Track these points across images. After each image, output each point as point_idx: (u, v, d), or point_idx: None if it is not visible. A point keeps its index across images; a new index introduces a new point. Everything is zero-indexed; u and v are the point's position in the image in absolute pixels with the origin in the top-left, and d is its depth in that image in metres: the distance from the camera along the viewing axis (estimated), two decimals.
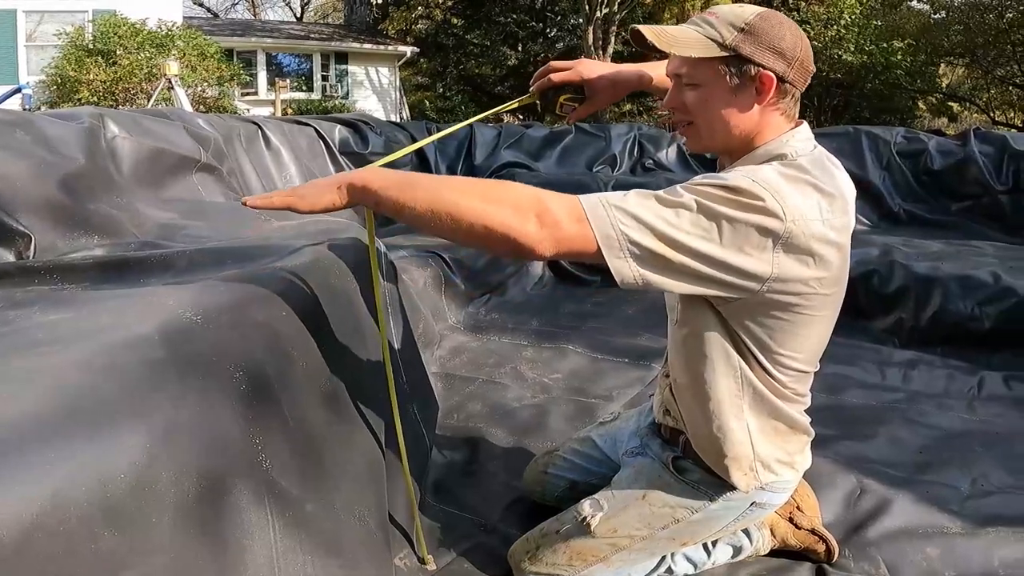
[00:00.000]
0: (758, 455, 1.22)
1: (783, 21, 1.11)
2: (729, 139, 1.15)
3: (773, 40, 1.08)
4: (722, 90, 1.11)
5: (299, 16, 28.17)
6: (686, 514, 1.26)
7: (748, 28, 1.08)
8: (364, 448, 1.30)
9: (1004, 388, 2.34)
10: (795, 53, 1.09)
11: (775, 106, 1.12)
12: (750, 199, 0.99)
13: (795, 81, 1.11)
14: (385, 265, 1.77)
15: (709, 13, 1.12)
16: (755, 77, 1.09)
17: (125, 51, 10.15)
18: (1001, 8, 11.83)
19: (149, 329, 0.87)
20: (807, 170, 1.07)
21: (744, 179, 1.01)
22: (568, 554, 1.29)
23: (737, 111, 1.12)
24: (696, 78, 1.12)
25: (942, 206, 4.10)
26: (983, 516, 1.61)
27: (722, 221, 0.99)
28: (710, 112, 1.13)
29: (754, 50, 1.08)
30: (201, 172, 2.26)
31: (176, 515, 0.77)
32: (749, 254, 1.01)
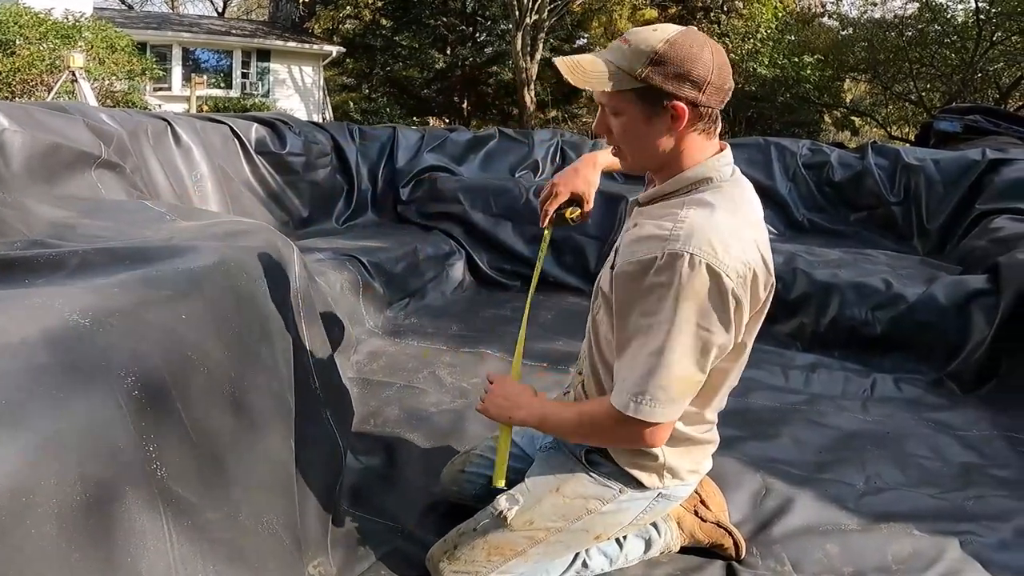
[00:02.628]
0: (668, 465, 1.30)
1: (694, 42, 1.11)
2: (653, 162, 1.21)
3: (683, 67, 1.10)
4: (639, 119, 1.15)
5: (221, 11, 27.22)
6: (597, 505, 1.30)
7: (658, 57, 1.10)
8: (272, 455, 1.27)
9: (895, 390, 2.49)
10: (707, 77, 1.11)
11: (692, 129, 1.16)
12: (714, 294, 1.07)
13: (709, 104, 1.14)
14: (298, 266, 1.72)
15: (623, 40, 1.15)
16: (668, 107, 1.12)
17: (26, 41, 9.56)
18: (902, 27, 12.60)
19: (31, 332, 0.83)
20: (738, 219, 1.14)
21: (696, 265, 1.06)
22: (486, 550, 1.30)
23: (655, 139, 1.16)
24: (615, 108, 1.17)
25: (842, 216, 4.33)
26: (877, 513, 1.71)
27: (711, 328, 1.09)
28: (632, 139, 1.18)
29: (664, 80, 1.10)
30: (101, 169, 2.15)
31: (59, 525, 0.73)
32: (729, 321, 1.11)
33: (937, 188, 4.06)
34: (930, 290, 2.78)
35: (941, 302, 2.71)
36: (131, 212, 1.77)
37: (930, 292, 2.77)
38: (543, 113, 17.46)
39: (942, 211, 3.98)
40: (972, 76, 11.65)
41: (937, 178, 4.09)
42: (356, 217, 4.29)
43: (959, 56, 11.92)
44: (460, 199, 4.02)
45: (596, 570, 1.44)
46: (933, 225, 3.99)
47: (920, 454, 2.03)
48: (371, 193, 4.43)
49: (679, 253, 1.06)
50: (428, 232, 3.96)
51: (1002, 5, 10.82)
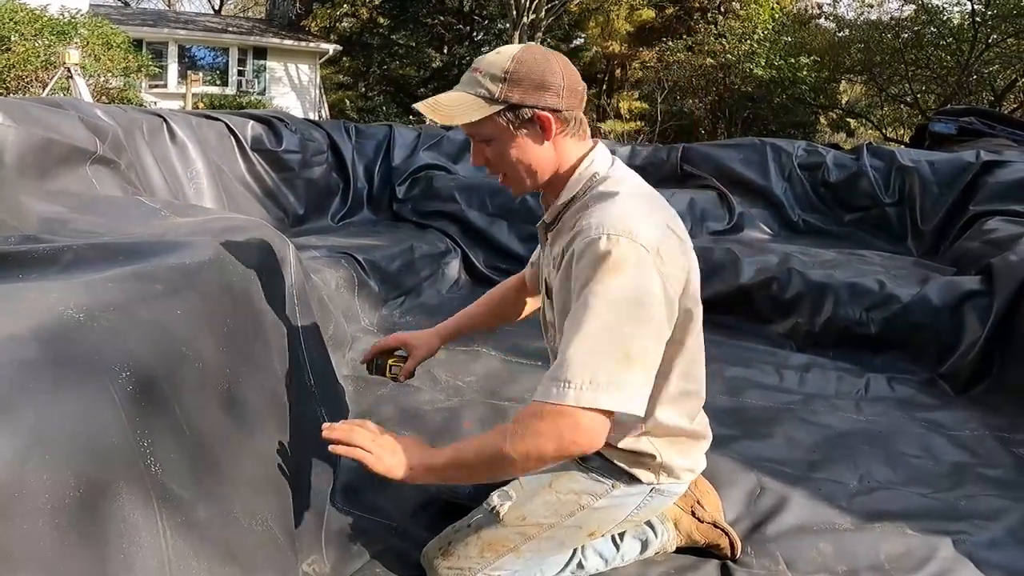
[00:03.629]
0: (665, 464, 1.31)
1: (538, 55, 1.17)
2: (538, 178, 1.24)
3: (536, 79, 1.15)
4: (510, 139, 1.19)
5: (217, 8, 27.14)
6: (590, 500, 1.30)
7: (509, 75, 1.14)
8: (266, 451, 1.27)
9: (888, 389, 2.50)
10: (560, 82, 1.17)
11: (563, 135, 1.21)
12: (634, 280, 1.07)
13: (571, 107, 1.19)
14: (294, 264, 1.72)
15: (474, 69, 1.19)
16: (533, 119, 1.17)
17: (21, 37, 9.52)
18: (898, 28, 12.62)
19: (22, 327, 0.82)
20: (639, 197, 1.19)
21: (612, 247, 1.07)
22: (479, 546, 1.30)
23: (531, 154, 1.20)
24: (485, 135, 1.20)
25: (836, 217, 4.33)
26: (869, 512, 1.71)
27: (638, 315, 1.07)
28: (510, 162, 1.21)
29: (523, 95, 1.15)
30: (96, 165, 2.14)
31: (51, 521, 0.73)
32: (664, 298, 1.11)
33: (931, 189, 4.07)
34: (924, 291, 2.79)
35: (934, 303, 2.72)
36: (126, 208, 1.76)
37: (924, 293, 2.78)
38: None
39: (936, 212, 3.98)
40: (967, 78, 11.68)
41: (932, 179, 4.09)
42: (352, 215, 4.29)
43: (954, 58, 11.96)
44: (456, 197, 4.02)
45: (591, 571, 1.43)
46: (927, 226, 4.00)
47: (913, 453, 2.03)
48: (367, 191, 4.43)
49: (595, 238, 1.08)
50: (424, 230, 3.95)
51: (997, 8, 10.86)
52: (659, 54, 15.25)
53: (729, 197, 4.31)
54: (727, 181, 4.44)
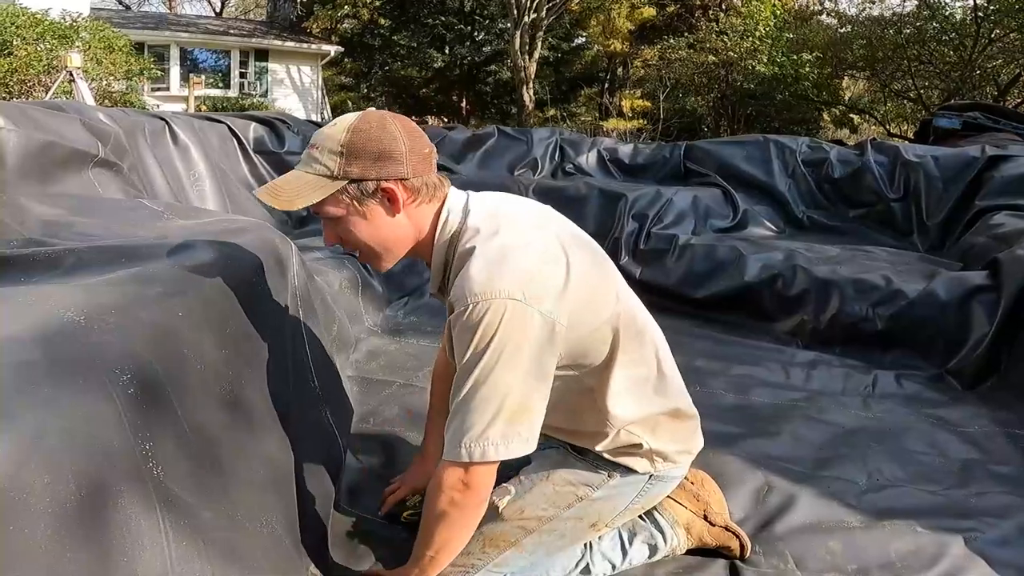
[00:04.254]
0: (655, 450, 1.30)
1: (374, 122, 1.11)
2: (399, 251, 1.20)
3: (375, 148, 1.09)
4: (357, 216, 1.13)
5: (218, 11, 27.20)
6: (588, 491, 1.30)
7: (346, 149, 1.09)
8: (269, 454, 1.26)
9: (895, 386, 2.48)
10: (401, 148, 1.11)
11: (415, 203, 1.15)
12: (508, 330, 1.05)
13: (418, 172, 1.13)
14: (297, 265, 1.72)
15: (311, 146, 1.13)
16: (377, 192, 1.11)
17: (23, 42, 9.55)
18: (900, 24, 12.59)
19: (23, 329, 0.82)
20: (498, 236, 1.14)
21: (485, 318, 1.05)
22: (481, 542, 1.29)
23: (383, 228, 1.15)
24: (331, 214, 1.14)
25: (840, 213, 4.31)
26: (879, 509, 1.70)
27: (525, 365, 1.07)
28: (365, 239, 1.16)
29: (364, 168, 1.09)
30: (98, 168, 2.14)
31: (52, 525, 0.72)
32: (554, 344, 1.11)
33: (936, 185, 4.05)
34: (930, 286, 2.77)
35: (942, 298, 2.70)
36: (128, 211, 1.76)
37: (930, 288, 2.76)
38: (541, 112, 17.45)
39: (942, 208, 3.96)
40: (971, 73, 11.65)
41: (936, 175, 4.07)
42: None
43: (957, 53, 11.92)
44: None
45: (599, 575, 1.42)
46: (933, 222, 3.98)
47: (921, 451, 2.02)
48: None
49: (462, 310, 1.06)
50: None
51: (1000, 2, 10.82)
52: (661, 52, 15.23)
53: (733, 194, 4.30)
54: (731, 178, 4.43)
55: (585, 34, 18.85)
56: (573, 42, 19.37)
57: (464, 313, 1.06)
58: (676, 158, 4.70)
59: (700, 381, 2.44)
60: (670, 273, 3.38)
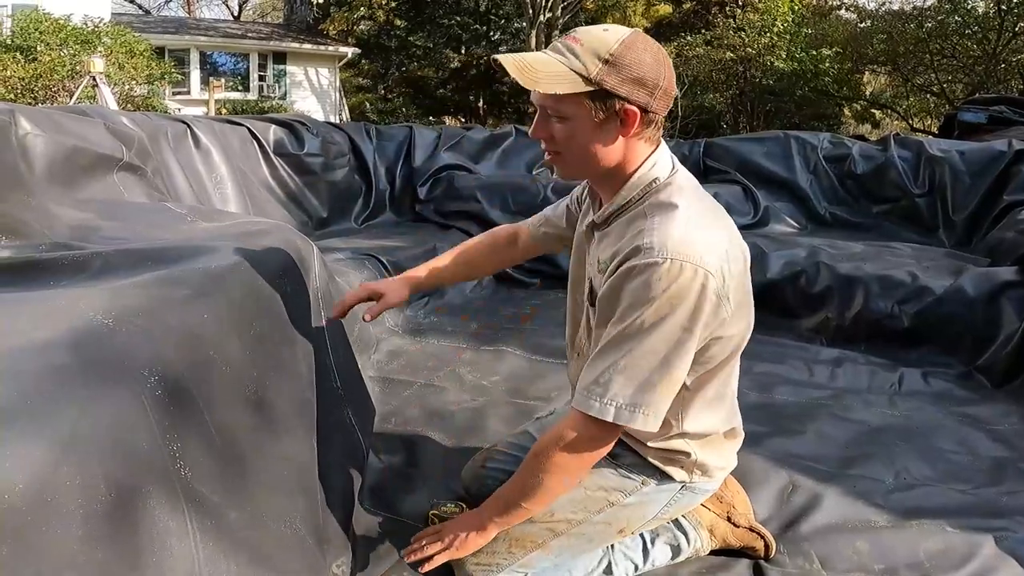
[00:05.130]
0: (699, 463, 1.29)
1: (647, 47, 1.09)
2: (597, 170, 1.17)
3: (637, 71, 1.07)
4: (588, 124, 1.11)
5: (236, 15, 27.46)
6: (620, 497, 1.29)
7: (613, 59, 1.06)
8: (293, 454, 1.27)
9: (922, 383, 2.45)
10: (658, 82, 1.09)
11: (639, 136, 1.13)
12: (686, 300, 1.04)
13: (658, 110, 1.12)
14: (318, 266, 1.72)
15: (573, 39, 1.09)
16: (619, 111, 1.09)
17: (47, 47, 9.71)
18: (921, 18, 12.41)
19: (55, 333, 0.83)
20: (703, 210, 1.14)
21: (670, 275, 1.03)
22: (507, 542, 1.29)
23: (603, 144, 1.13)
24: (562, 111, 1.11)
25: (864, 209, 4.25)
26: (907, 509, 1.67)
27: (685, 337, 1.07)
28: (577, 145, 1.13)
29: (618, 83, 1.07)
30: (123, 172, 2.17)
31: (83, 526, 0.73)
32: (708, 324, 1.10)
33: (963, 179, 3.98)
34: (958, 282, 2.72)
35: (970, 294, 2.66)
36: (152, 214, 1.78)
37: (958, 284, 2.71)
38: None
39: (968, 203, 3.90)
40: (995, 67, 11.45)
41: (962, 169, 4.01)
42: (374, 216, 4.30)
43: (981, 47, 11.72)
44: (478, 197, 4.02)
45: None
46: (959, 217, 3.92)
47: (950, 449, 1.99)
48: (389, 192, 4.44)
49: (658, 261, 1.04)
50: (446, 230, 3.95)
51: None
52: (678, 49, 15.13)
53: (753, 191, 4.26)
54: (751, 175, 4.39)
55: None
56: None
57: (658, 265, 1.03)
58: (695, 155, 4.67)
59: None
60: None
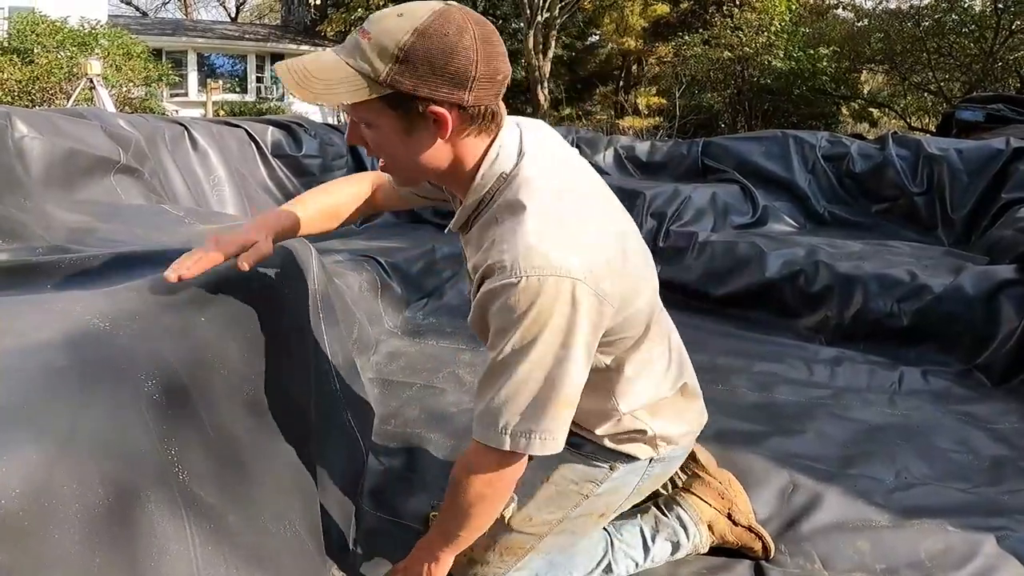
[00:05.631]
0: (660, 435, 1.24)
1: (450, 30, 0.89)
2: (427, 176, 1.05)
3: (439, 63, 0.89)
4: (394, 131, 0.95)
5: (234, 16, 27.45)
6: (592, 488, 1.26)
7: (406, 55, 0.88)
8: (292, 456, 1.26)
9: (922, 382, 2.44)
10: (472, 71, 0.90)
11: (464, 134, 0.98)
12: (559, 320, 0.95)
13: (481, 100, 0.94)
14: (316, 268, 1.72)
15: (363, 33, 0.91)
16: (425, 114, 0.92)
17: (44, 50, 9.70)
18: (918, 17, 12.43)
19: (51, 335, 0.82)
20: (556, 202, 1.01)
21: (529, 299, 0.93)
22: (498, 552, 1.28)
23: (421, 151, 0.97)
24: (364, 119, 0.96)
25: (862, 208, 4.25)
26: (907, 508, 1.67)
27: (568, 358, 0.98)
28: (392, 154, 1.00)
29: (417, 83, 0.89)
30: (120, 174, 2.16)
31: (80, 529, 0.73)
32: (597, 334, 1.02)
33: (961, 178, 3.98)
34: (957, 280, 2.72)
35: (969, 293, 2.66)
36: (150, 216, 1.77)
37: (957, 283, 2.71)
38: (557, 111, 17.43)
39: (966, 201, 3.90)
40: (992, 65, 11.46)
41: (961, 168, 4.01)
42: (373, 218, 4.30)
43: (978, 45, 11.74)
44: None
45: (622, 573, 1.40)
46: (957, 215, 3.92)
47: (951, 448, 1.98)
48: None
49: (512, 282, 0.93)
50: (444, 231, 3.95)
51: None
52: (676, 48, 15.15)
53: (752, 191, 4.26)
54: (749, 175, 4.38)
55: (599, 32, 18.79)
56: (587, 40, 19.32)
57: (514, 285, 0.93)
58: (694, 155, 4.67)
59: (722, 379, 2.42)
60: (690, 270, 3.35)
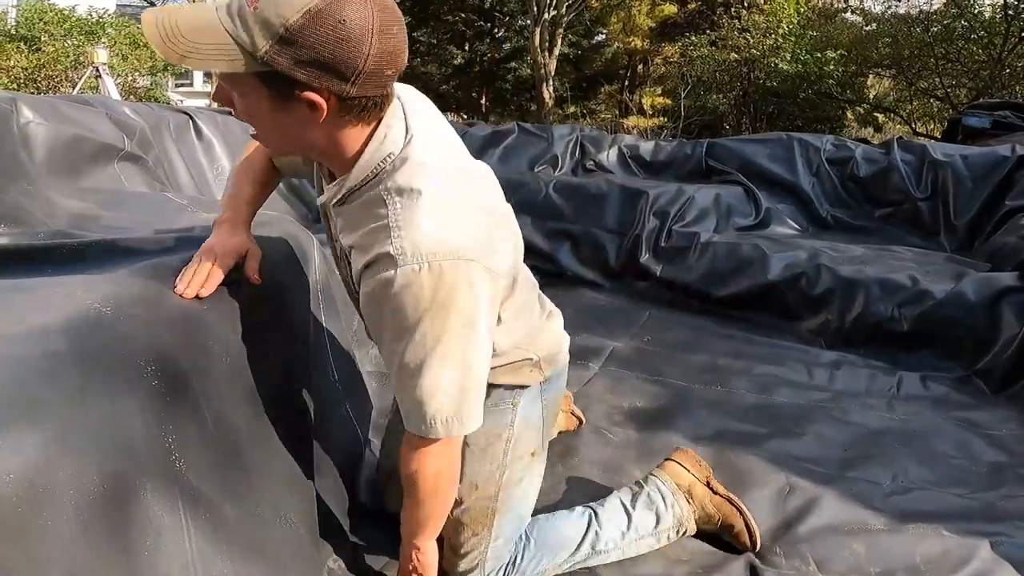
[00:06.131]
0: (543, 358, 1.31)
1: (349, 16, 0.82)
2: (304, 150, 1.01)
3: (324, 51, 0.82)
4: (264, 107, 0.89)
5: None
6: (509, 432, 1.31)
7: (290, 35, 0.81)
8: (290, 448, 1.26)
9: (921, 388, 2.44)
10: (357, 64, 0.84)
11: (344, 122, 0.92)
12: (462, 299, 0.96)
13: (365, 93, 0.89)
14: (318, 259, 1.72)
15: (251, 1, 0.83)
16: (300, 98, 0.86)
17: (51, 38, 9.71)
18: (927, 22, 12.38)
19: (50, 320, 0.82)
20: (445, 181, 0.99)
21: (433, 280, 0.93)
22: (470, 528, 1.32)
23: (292, 129, 0.92)
24: (232, 85, 0.90)
25: (866, 212, 4.24)
26: (904, 512, 1.68)
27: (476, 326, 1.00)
28: (262, 126, 0.95)
29: (294, 67, 0.83)
30: (124, 161, 2.16)
31: (75, 517, 0.73)
32: None
33: (965, 184, 3.97)
34: (959, 286, 2.72)
35: (970, 299, 2.66)
36: (153, 204, 1.77)
37: (959, 289, 2.71)
38: (561, 109, 17.39)
39: (970, 207, 3.89)
40: (1000, 72, 11.41)
41: (965, 174, 4.00)
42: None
43: (986, 52, 11.68)
44: None
45: (608, 547, 1.44)
46: (961, 221, 3.91)
47: (948, 453, 1.99)
48: None
49: (414, 269, 0.92)
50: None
51: None
52: (682, 49, 15.10)
53: (755, 192, 4.25)
54: (753, 176, 4.37)
55: (605, 31, 18.74)
56: (593, 39, 19.25)
57: (416, 273, 0.92)
58: (698, 156, 4.66)
59: (722, 380, 2.42)
60: (692, 271, 3.35)
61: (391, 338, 1.00)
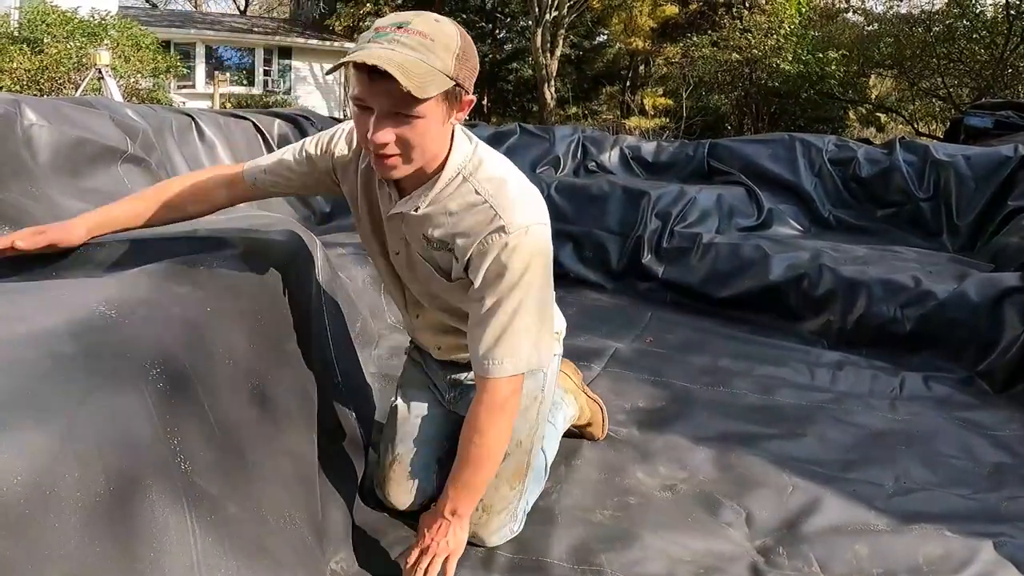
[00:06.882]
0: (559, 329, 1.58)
1: (462, 30, 1.08)
2: (431, 161, 1.16)
3: (473, 61, 1.08)
4: (439, 120, 1.08)
5: (243, 9, 27.45)
6: (541, 394, 1.48)
7: (461, 53, 1.04)
8: (293, 448, 1.27)
9: (924, 388, 2.44)
10: (476, 71, 1.10)
11: (459, 120, 1.14)
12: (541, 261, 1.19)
13: None
14: (322, 261, 1.73)
15: (419, 34, 1.01)
16: (461, 101, 1.09)
17: (53, 39, 9.71)
18: (929, 22, 12.37)
19: (56, 322, 0.83)
20: (511, 167, 1.24)
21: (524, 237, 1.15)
22: (508, 482, 1.45)
23: (441, 135, 1.12)
24: (421, 111, 1.04)
25: (868, 212, 4.24)
26: (907, 513, 1.67)
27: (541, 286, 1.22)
28: (423, 143, 1.09)
29: (466, 76, 1.06)
30: (127, 163, 2.17)
31: (81, 519, 0.73)
32: None
33: (968, 184, 3.97)
34: (962, 287, 2.72)
35: (973, 299, 2.65)
36: None
37: (961, 289, 2.71)
38: (563, 110, 17.40)
39: (973, 208, 3.89)
40: (1002, 72, 11.40)
41: (968, 174, 4.00)
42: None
43: (989, 51, 11.67)
44: None
45: (550, 448, 1.64)
46: (963, 222, 3.91)
47: (951, 454, 1.98)
48: None
49: (520, 235, 1.14)
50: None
51: None
52: (683, 49, 15.11)
53: (757, 193, 4.25)
54: (755, 177, 4.38)
55: (607, 32, 18.75)
56: (595, 40, 19.29)
57: (520, 237, 1.14)
58: (700, 156, 4.66)
59: (724, 381, 2.42)
60: (694, 272, 3.35)
61: (498, 290, 1.17)
